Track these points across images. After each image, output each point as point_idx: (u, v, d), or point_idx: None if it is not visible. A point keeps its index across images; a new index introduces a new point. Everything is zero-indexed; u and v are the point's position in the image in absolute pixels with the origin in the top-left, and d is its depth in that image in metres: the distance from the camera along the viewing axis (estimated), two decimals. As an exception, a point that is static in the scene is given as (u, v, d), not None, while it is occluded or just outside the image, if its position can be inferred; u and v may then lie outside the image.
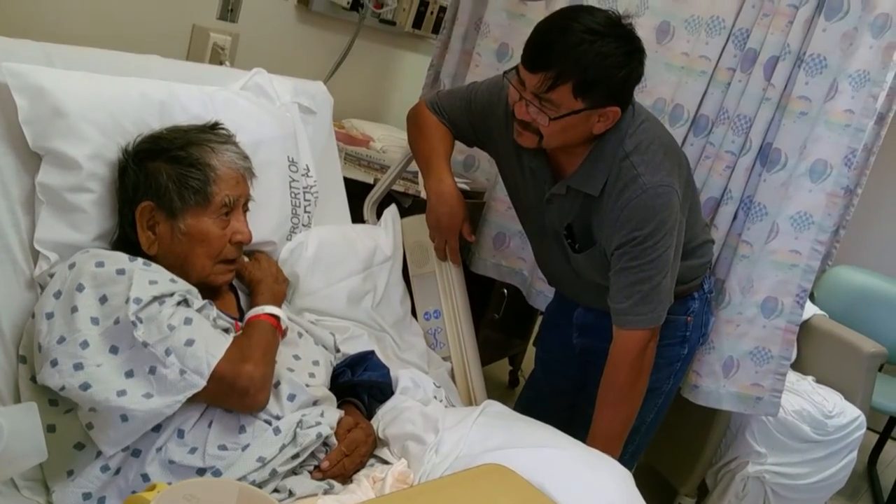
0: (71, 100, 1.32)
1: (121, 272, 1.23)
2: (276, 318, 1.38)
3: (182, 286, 1.29)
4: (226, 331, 1.33)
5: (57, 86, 1.31)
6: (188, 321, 1.23)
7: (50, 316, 1.21)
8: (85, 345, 1.18)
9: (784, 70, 1.87)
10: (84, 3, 1.97)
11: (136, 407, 1.16)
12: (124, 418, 1.16)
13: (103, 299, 1.21)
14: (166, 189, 1.32)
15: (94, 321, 1.20)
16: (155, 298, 1.21)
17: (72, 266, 1.26)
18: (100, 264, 1.24)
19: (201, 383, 1.19)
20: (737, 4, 1.96)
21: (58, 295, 1.23)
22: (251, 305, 1.43)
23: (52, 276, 1.29)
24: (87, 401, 1.16)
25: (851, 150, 1.83)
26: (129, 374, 1.18)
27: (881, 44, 1.77)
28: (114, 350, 1.19)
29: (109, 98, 1.39)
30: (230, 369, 1.22)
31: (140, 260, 1.28)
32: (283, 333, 1.41)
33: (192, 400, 1.20)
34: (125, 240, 1.37)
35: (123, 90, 1.43)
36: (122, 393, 1.16)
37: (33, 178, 1.31)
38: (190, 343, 1.20)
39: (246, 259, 1.53)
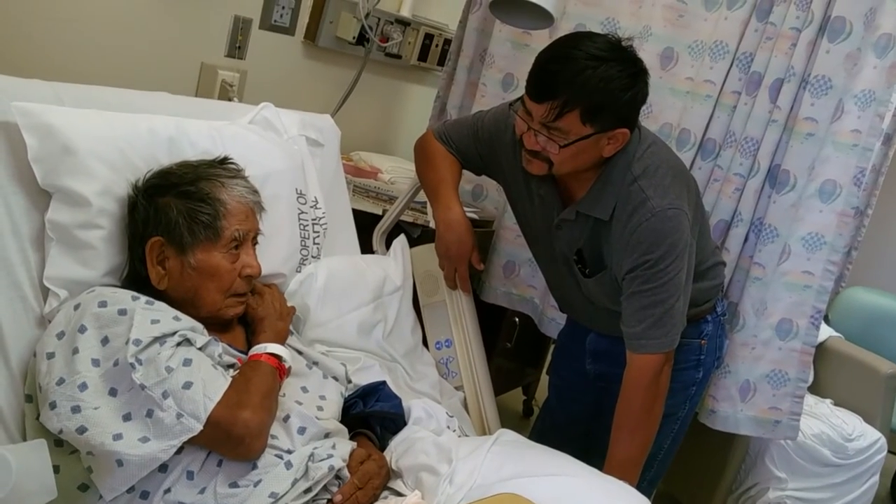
0: (80, 137, 1.33)
1: (122, 312, 1.22)
2: (279, 357, 1.36)
3: (186, 323, 1.27)
4: (231, 366, 1.32)
5: (66, 124, 1.32)
6: (187, 362, 1.21)
7: (51, 356, 1.20)
8: (84, 387, 1.16)
9: (789, 92, 1.87)
10: (94, 43, 2.00)
11: (131, 452, 1.13)
12: (119, 463, 1.13)
13: (105, 340, 1.20)
14: (176, 224, 1.32)
15: (95, 363, 1.18)
16: (155, 339, 1.20)
17: (77, 307, 1.25)
18: (102, 304, 1.23)
19: (198, 427, 1.16)
20: (739, 29, 1.97)
21: (61, 335, 1.22)
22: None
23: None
24: (84, 444, 1.15)
25: (860, 170, 1.83)
26: (127, 417, 1.16)
27: (885, 64, 1.77)
28: (112, 392, 1.17)
29: (118, 134, 1.39)
30: (227, 415, 1.19)
31: (143, 298, 1.26)
32: (286, 373, 1.37)
33: (191, 443, 1.18)
34: (135, 275, 1.37)
35: (132, 126, 1.43)
36: (118, 437, 1.14)
37: (43, 216, 1.31)
38: (188, 386, 1.18)
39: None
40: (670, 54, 2.09)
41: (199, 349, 1.26)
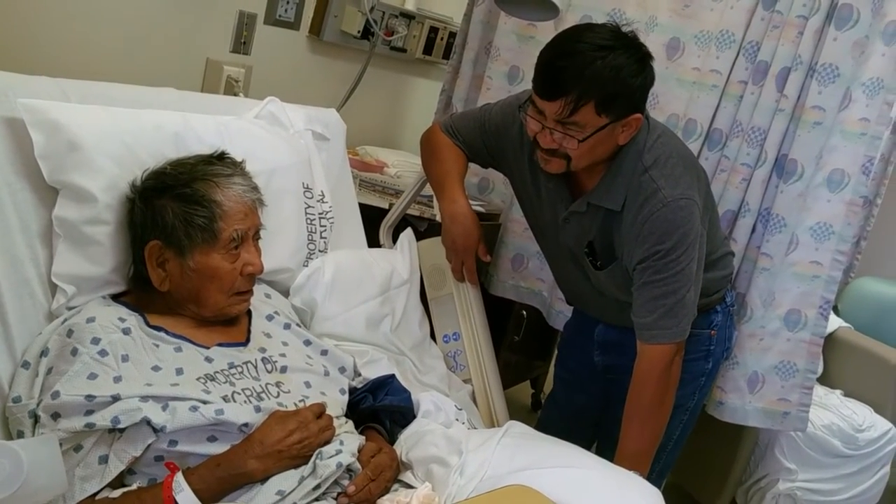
0: (86, 133, 1.32)
1: (74, 352, 1.20)
2: None
3: (128, 390, 1.16)
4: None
5: (72, 120, 1.32)
6: (78, 448, 1.15)
7: (25, 365, 1.22)
8: (31, 415, 1.17)
9: (796, 81, 1.86)
10: (99, 39, 2.00)
11: None
12: None
13: (49, 371, 1.20)
14: (173, 228, 1.30)
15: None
16: (77, 398, 1.14)
17: (64, 322, 1.26)
18: (70, 333, 1.22)
19: None
20: (746, 17, 1.96)
21: (45, 353, 1.22)
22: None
23: (69, 309, 1.30)
24: None
25: (868, 159, 1.82)
26: None
27: (893, 51, 1.76)
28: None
29: (124, 130, 1.39)
30: None
31: (105, 340, 1.22)
32: None
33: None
34: (138, 275, 1.36)
35: (138, 122, 1.43)
36: None
37: (51, 212, 1.31)
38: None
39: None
40: (676, 44, 2.08)
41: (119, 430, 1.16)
